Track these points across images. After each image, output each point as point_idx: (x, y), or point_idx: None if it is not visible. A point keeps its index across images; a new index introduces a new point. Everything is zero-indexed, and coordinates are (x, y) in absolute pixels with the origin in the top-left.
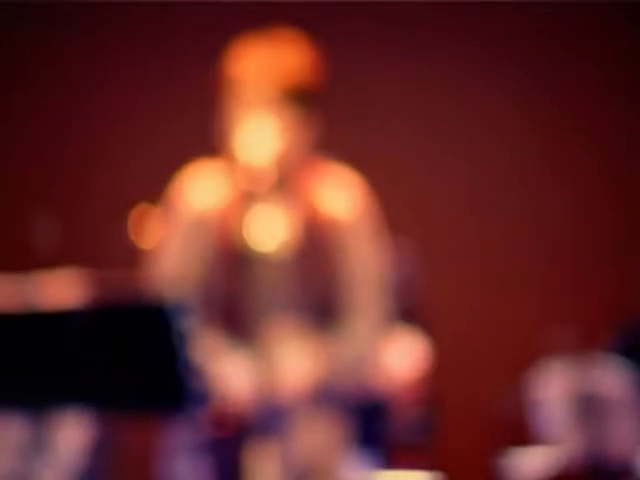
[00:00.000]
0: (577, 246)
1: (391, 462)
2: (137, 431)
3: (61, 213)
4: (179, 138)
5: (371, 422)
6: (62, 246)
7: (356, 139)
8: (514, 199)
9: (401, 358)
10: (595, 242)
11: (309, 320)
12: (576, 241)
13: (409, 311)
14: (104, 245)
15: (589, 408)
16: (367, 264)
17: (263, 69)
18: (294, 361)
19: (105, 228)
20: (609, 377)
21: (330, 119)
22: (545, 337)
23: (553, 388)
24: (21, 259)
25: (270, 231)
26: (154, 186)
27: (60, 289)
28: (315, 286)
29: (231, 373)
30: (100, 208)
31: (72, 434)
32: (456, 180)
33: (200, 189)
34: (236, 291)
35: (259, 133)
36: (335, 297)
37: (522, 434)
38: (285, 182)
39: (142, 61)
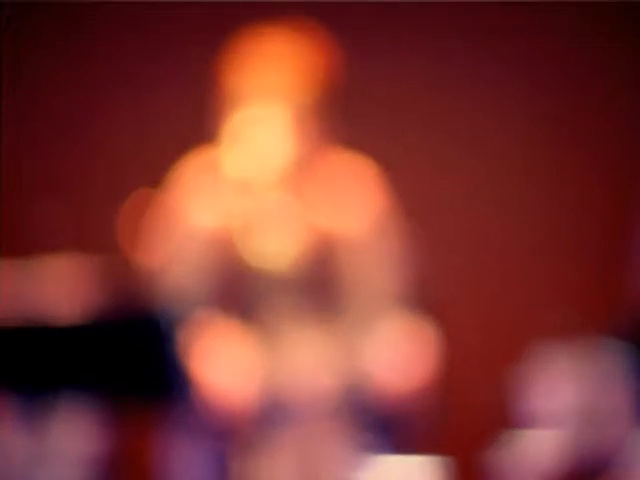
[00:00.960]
0: (581, 234)
1: (397, 448)
2: (137, 431)
3: (64, 198)
4: (183, 132)
5: (377, 414)
6: (64, 231)
7: (366, 135)
8: (522, 190)
9: (409, 349)
10: (598, 230)
11: (317, 326)
12: (579, 231)
13: (417, 301)
14: (106, 230)
15: (589, 394)
16: (376, 274)
17: (275, 67)
18: (311, 365)
19: (107, 213)
20: (610, 363)
21: (341, 117)
22: (547, 322)
23: (553, 374)
24: (24, 244)
25: (277, 247)
26: (156, 173)
27: (62, 274)
28: (323, 298)
29: (237, 370)
30: (102, 194)
31: (72, 435)
32: (465, 173)
33: (204, 202)
34: (240, 307)
35: (269, 138)
36: (340, 302)
37: (523, 420)
38: (294, 193)
39: (145, 55)
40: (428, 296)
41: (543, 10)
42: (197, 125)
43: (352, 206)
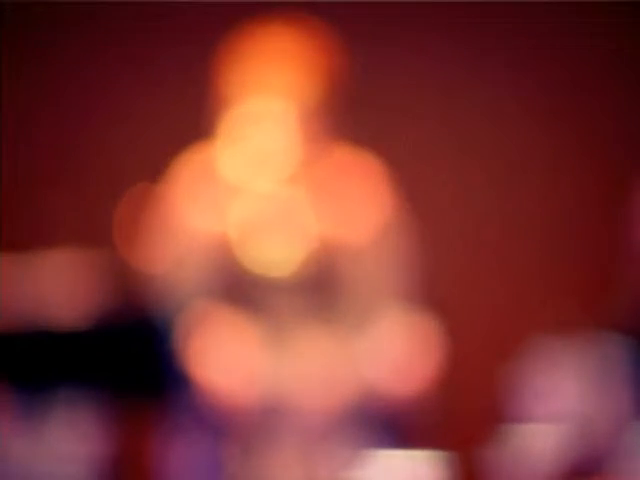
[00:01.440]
0: (580, 231)
1: (399, 444)
2: (137, 430)
3: (63, 194)
4: (183, 130)
5: (379, 412)
6: (64, 226)
7: (365, 134)
8: (522, 189)
9: (411, 348)
10: (597, 227)
11: (319, 326)
12: (579, 228)
13: (419, 300)
14: (105, 226)
15: (589, 390)
16: (379, 274)
17: (277, 66)
18: (313, 365)
19: (107, 209)
20: (610, 357)
21: (343, 116)
22: (548, 318)
23: (553, 369)
24: (24, 239)
25: (280, 248)
26: (156, 171)
27: (61, 270)
28: (325, 298)
29: (237, 370)
30: (102, 190)
31: (72, 435)
32: (465, 172)
33: (202, 204)
34: (241, 306)
35: (272, 138)
36: (343, 301)
37: (524, 416)
38: (297, 193)
39: (144, 54)
40: (430, 295)
41: (543, 10)
42: (197, 124)
43: (355, 205)
